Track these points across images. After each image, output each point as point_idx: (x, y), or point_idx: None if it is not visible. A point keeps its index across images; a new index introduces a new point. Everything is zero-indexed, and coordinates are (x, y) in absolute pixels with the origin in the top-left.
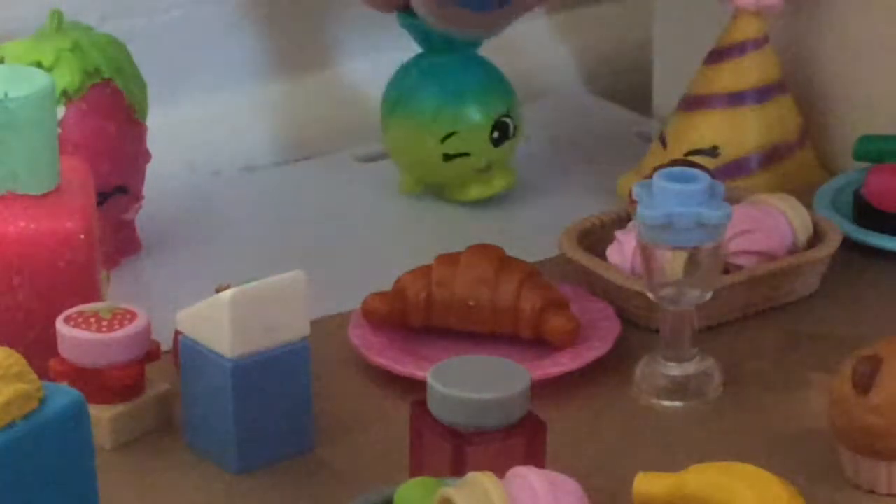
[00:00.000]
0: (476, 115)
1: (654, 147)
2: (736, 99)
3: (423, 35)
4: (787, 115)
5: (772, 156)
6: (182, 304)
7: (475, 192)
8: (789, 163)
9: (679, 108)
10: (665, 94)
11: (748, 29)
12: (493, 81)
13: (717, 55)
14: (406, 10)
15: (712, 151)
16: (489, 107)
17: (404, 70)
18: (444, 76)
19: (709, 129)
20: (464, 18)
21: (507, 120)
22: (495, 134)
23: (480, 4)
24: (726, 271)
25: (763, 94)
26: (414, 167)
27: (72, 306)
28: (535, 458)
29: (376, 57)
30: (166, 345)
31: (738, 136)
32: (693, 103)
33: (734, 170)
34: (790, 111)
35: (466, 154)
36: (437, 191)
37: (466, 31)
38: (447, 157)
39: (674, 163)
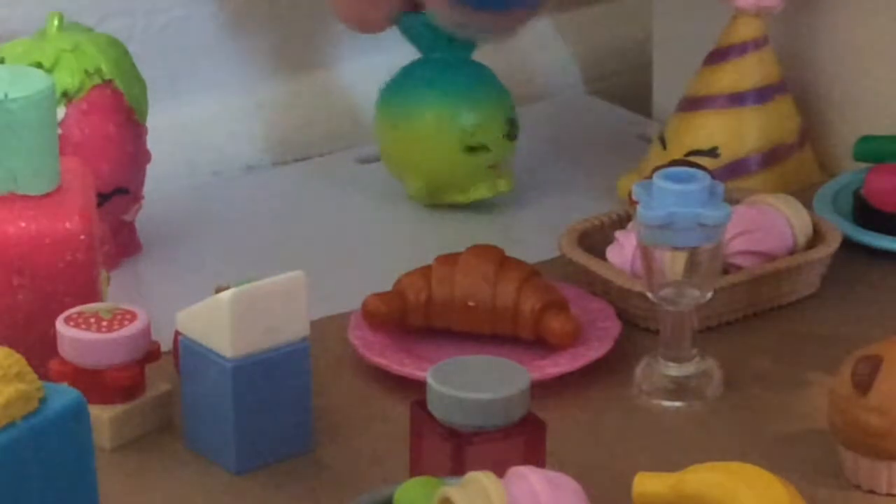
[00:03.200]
0: (494, 108)
1: (654, 148)
2: (736, 100)
3: (422, 39)
4: (786, 116)
5: (771, 156)
6: (182, 305)
7: (480, 191)
8: (789, 163)
9: (679, 109)
10: (665, 94)
11: (748, 30)
12: (497, 81)
13: (717, 56)
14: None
15: (712, 152)
16: (503, 102)
17: (405, 75)
18: (456, 75)
19: (709, 129)
20: (481, 19)
21: (515, 117)
22: (507, 129)
23: (492, 4)
24: (726, 272)
25: (763, 94)
26: (428, 167)
27: (72, 307)
28: (535, 458)
29: (377, 57)
30: (166, 345)
31: (738, 136)
32: (693, 104)
33: (734, 170)
34: (790, 112)
35: (485, 148)
36: (440, 195)
37: (483, 33)
38: (470, 150)
39: (673, 163)
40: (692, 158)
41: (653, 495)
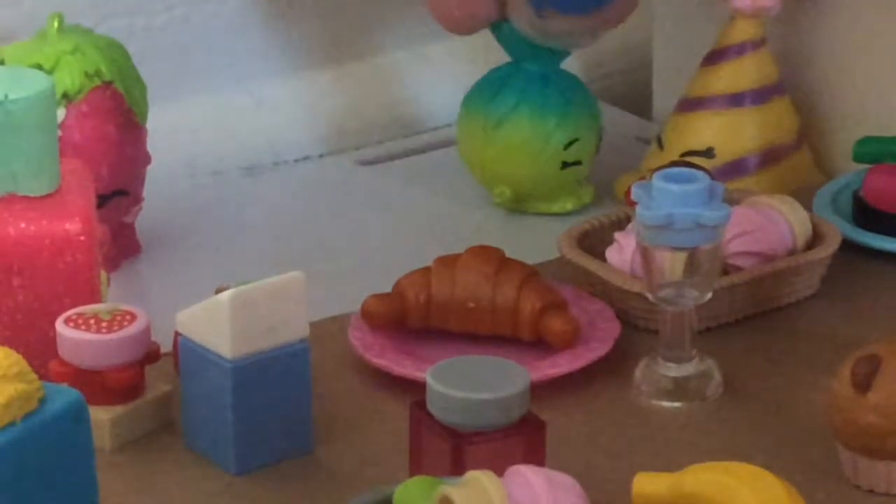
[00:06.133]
0: (591, 123)
1: (652, 148)
2: (734, 100)
3: (516, 46)
4: (784, 117)
5: (769, 157)
6: (181, 306)
7: (566, 204)
8: (786, 164)
9: (677, 110)
10: (665, 96)
11: (745, 31)
12: (589, 93)
13: (715, 56)
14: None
15: (708, 153)
16: (596, 116)
17: (496, 82)
18: (552, 87)
19: (705, 130)
20: (562, 24)
21: (602, 129)
22: (598, 143)
23: (577, 7)
24: (725, 272)
25: (761, 95)
26: (520, 178)
27: (72, 308)
28: (535, 458)
29: (377, 58)
30: (166, 346)
31: (736, 137)
32: (690, 105)
33: (731, 171)
34: (787, 113)
35: (579, 163)
36: (525, 204)
37: (565, 39)
38: (564, 165)
39: (673, 164)
40: (688, 159)
41: (652, 495)
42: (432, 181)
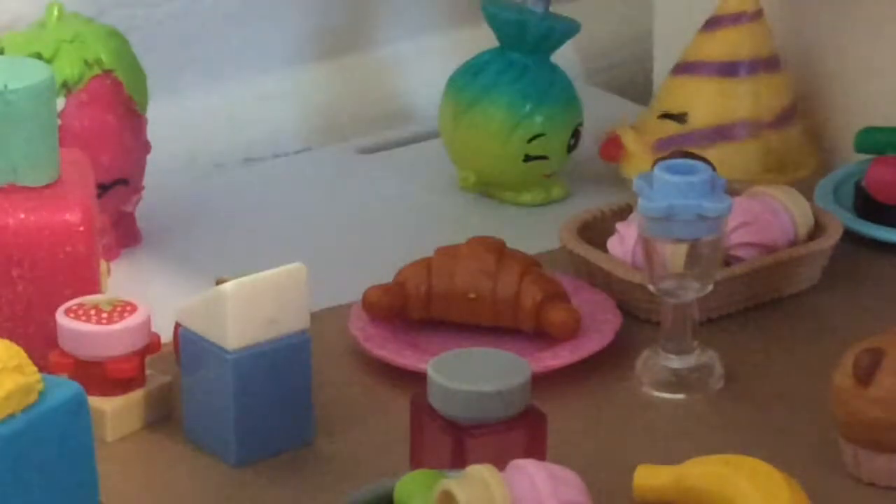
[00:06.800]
0: (562, 120)
1: (645, 108)
2: (724, 69)
3: (505, 31)
4: (773, 92)
5: (745, 130)
6: (182, 296)
7: (533, 196)
8: (773, 138)
9: (671, 73)
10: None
11: (742, 1)
12: (572, 88)
13: (712, 23)
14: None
15: (680, 118)
16: (572, 113)
17: (481, 64)
18: (531, 80)
19: (687, 94)
20: None
21: (580, 128)
22: (571, 141)
23: None
24: (727, 263)
25: (751, 67)
26: (483, 165)
27: (72, 298)
28: (536, 450)
29: (376, 50)
30: (166, 337)
31: (716, 105)
32: (683, 68)
33: (706, 137)
34: (777, 89)
35: (544, 157)
36: (491, 191)
37: None
38: (527, 159)
39: (675, 154)
40: (663, 121)
41: (653, 488)
42: (433, 171)
